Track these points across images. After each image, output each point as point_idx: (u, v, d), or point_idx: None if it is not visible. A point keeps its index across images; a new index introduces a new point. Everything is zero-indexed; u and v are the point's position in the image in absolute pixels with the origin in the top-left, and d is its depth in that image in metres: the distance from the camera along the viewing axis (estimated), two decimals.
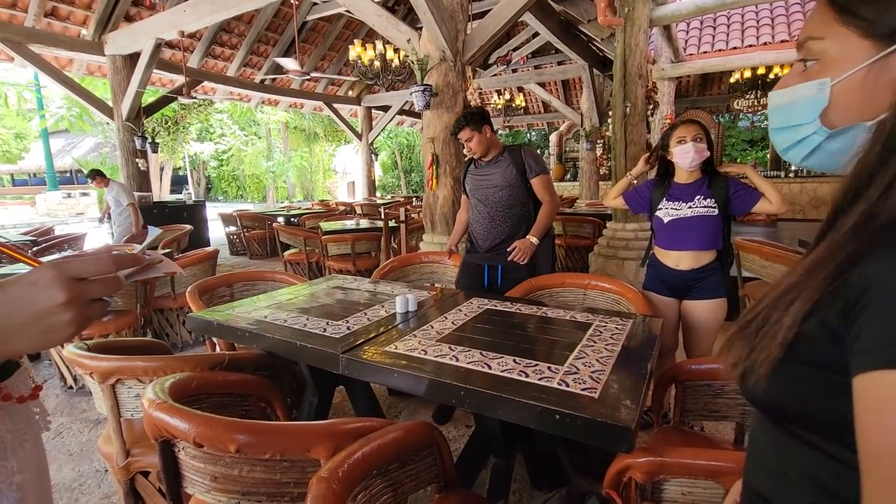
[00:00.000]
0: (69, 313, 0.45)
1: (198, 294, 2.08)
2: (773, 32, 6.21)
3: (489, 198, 2.35)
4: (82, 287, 0.47)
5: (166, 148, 14.29)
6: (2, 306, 0.44)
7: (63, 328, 0.46)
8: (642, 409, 1.04)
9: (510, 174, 2.29)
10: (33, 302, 0.44)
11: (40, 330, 0.45)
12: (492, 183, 2.34)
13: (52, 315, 0.45)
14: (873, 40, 0.43)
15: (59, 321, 0.45)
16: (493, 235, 2.36)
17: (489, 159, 2.36)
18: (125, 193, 5.19)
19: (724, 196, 1.83)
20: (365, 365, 1.28)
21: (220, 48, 7.72)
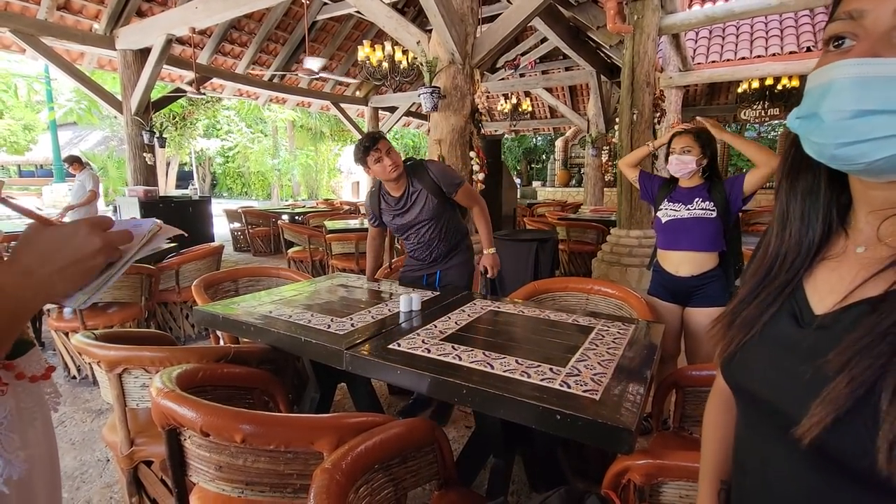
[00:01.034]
0: (102, 258, 0.55)
1: (203, 288, 2.10)
2: (782, 44, 6.22)
3: (420, 233, 2.16)
4: (109, 236, 0.56)
5: (173, 143, 14.38)
6: (49, 252, 0.53)
7: (97, 269, 0.56)
8: (642, 414, 1.05)
9: (432, 204, 2.07)
10: (74, 248, 0.53)
11: (84, 270, 0.54)
12: (416, 219, 2.12)
13: (89, 259, 0.54)
14: None
15: (97, 263, 0.55)
16: (434, 256, 2.21)
17: (400, 193, 2.09)
18: (91, 180, 5.48)
19: (723, 198, 1.85)
20: (369, 361, 1.30)
21: (229, 45, 7.77)
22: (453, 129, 3.71)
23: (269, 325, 1.54)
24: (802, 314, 0.49)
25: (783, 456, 0.47)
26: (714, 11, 3.89)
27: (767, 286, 0.52)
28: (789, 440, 0.43)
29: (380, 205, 2.17)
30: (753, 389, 0.51)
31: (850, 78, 0.40)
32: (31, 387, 0.68)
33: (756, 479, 0.53)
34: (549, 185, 12.97)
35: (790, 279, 0.51)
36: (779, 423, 0.47)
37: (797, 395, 0.44)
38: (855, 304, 0.44)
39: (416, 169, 2.08)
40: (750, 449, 0.54)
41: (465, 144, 3.79)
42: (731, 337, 0.54)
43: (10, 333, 0.53)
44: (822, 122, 0.42)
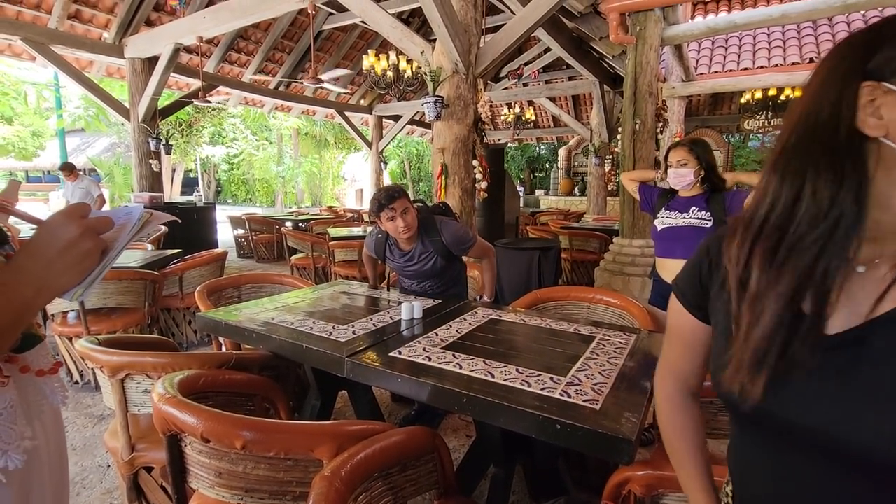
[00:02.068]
0: (88, 242, 0.56)
1: (206, 294, 2.11)
2: (785, 55, 6.25)
3: (420, 282, 2.18)
4: (87, 222, 0.57)
5: (179, 150, 14.50)
6: (37, 248, 0.55)
7: (90, 254, 0.57)
8: (643, 424, 1.05)
9: (439, 265, 2.08)
10: (56, 239, 0.55)
11: (73, 259, 0.56)
12: (419, 272, 2.13)
13: (76, 245, 0.56)
14: None
15: (85, 248, 0.56)
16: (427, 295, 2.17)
17: (411, 248, 2.07)
18: (95, 185, 5.63)
19: (721, 209, 1.86)
20: (369, 369, 1.30)
21: (236, 54, 7.88)
22: (456, 138, 3.73)
23: (270, 331, 1.54)
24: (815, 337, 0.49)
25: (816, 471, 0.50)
26: (716, 23, 3.92)
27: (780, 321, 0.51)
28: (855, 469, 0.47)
29: (385, 251, 2.13)
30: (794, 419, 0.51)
31: None
32: (38, 381, 0.69)
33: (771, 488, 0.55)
34: (553, 194, 12.98)
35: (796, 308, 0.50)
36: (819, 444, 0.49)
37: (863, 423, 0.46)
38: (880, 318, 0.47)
39: (429, 229, 2.02)
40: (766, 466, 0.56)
41: (468, 153, 3.81)
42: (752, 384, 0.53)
43: (13, 329, 0.56)
44: None
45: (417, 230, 2.00)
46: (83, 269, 0.57)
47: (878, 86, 0.46)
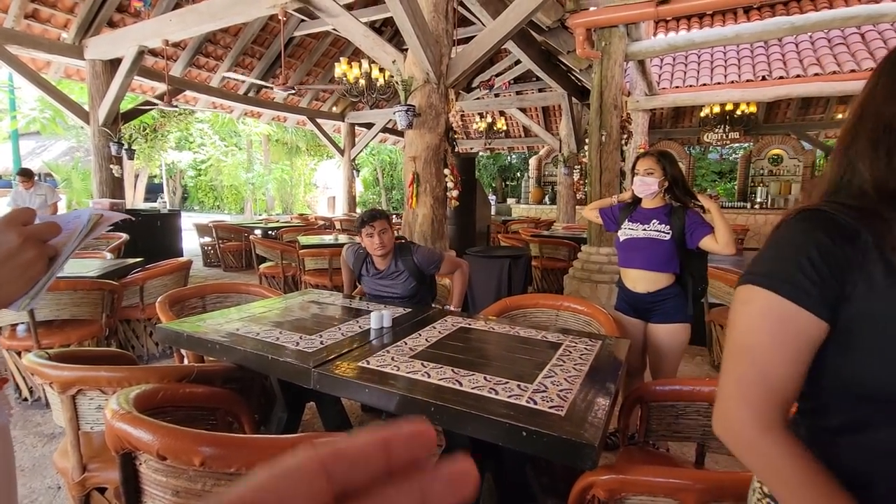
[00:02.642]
0: (31, 250, 0.53)
1: (168, 305, 2.04)
2: (740, 72, 6.59)
3: (392, 300, 2.26)
4: (30, 230, 0.54)
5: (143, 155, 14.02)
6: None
7: (34, 263, 0.54)
8: (606, 429, 1.08)
9: (409, 285, 2.22)
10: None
11: (15, 269, 0.53)
12: (394, 293, 2.26)
13: (17, 255, 0.52)
14: None
15: (27, 258, 0.53)
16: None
17: (385, 267, 2.23)
18: (52, 192, 5.47)
19: (681, 225, 1.92)
20: (337, 380, 1.28)
21: (204, 58, 7.70)
22: (428, 147, 3.76)
23: (235, 343, 1.50)
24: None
25: None
26: (676, 40, 4.11)
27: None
28: None
29: (361, 265, 2.28)
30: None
31: None
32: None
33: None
34: (524, 203, 13.18)
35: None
36: None
37: None
38: None
39: (403, 250, 2.21)
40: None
41: (440, 161, 3.84)
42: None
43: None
44: None
45: (393, 252, 2.20)
46: (28, 279, 0.54)
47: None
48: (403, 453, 0.19)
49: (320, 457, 0.17)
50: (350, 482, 0.17)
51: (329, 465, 0.17)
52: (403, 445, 0.19)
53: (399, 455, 0.18)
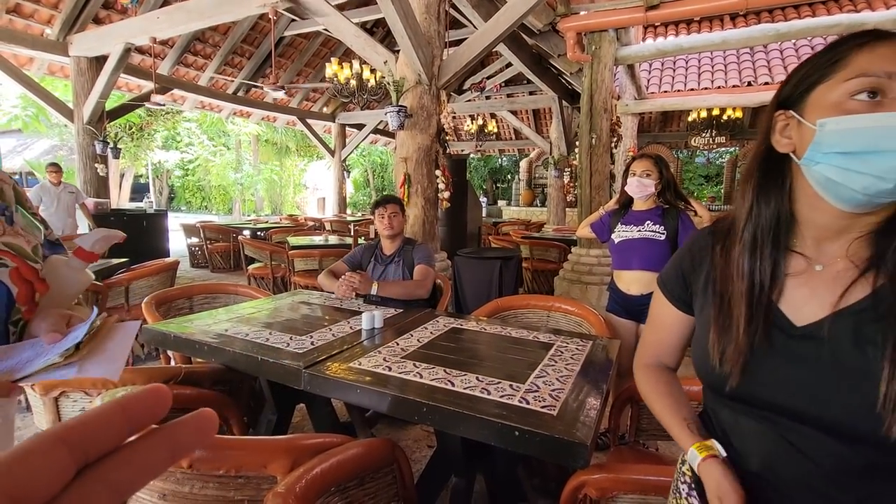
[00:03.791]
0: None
1: (154, 305, 2.00)
2: (726, 77, 6.70)
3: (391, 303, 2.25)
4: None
5: (129, 154, 13.82)
6: None
7: None
8: (598, 429, 1.08)
9: (405, 275, 2.31)
10: None
11: None
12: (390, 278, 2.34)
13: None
14: None
15: None
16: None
17: (391, 253, 2.36)
18: (80, 192, 5.40)
19: (674, 226, 1.95)
20: (328, 381, 1.27)
21: (192, 57, 7.62)
22: (419, 148, 3.75)
23: (224, 344, 1.48)
24: (786, 328, 0.59)
25: (805, 446, 0.56)
26: (664, 45, 4.16)
27: (747, 311, 0.61)
28: (830, 440, 0.54)
29: (371, 255, 2.41)
30: (777, 401, 0.59)
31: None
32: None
33: (761, 463, 0.61)
34: (514, 205, 13.24)
35: (766, 301, 0.60)
36: (799, 421, 0.57)
37: (837, 401, 0.54)
38: (846, 310, 0.55)
39: (408, 243, 2.41)
40: (758, 444, 0.62)
41: (431, 163, 3.84)
42: (731, 366, 0.61)
43: None
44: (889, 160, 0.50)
45: (401, 241, 2.37)
46: None
47: (786, 112, 0.58)
48: (142, 413, 0.20)
49: (56, 431, 0.18)
50: (92, 448, 0.18)
51: (66, 437, 0.18)
52: (141, 406, 0.20)
53: (138, 415, 0.20)
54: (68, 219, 5.23)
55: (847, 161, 0.51)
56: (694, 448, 0.66)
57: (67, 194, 5.19)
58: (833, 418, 0.54)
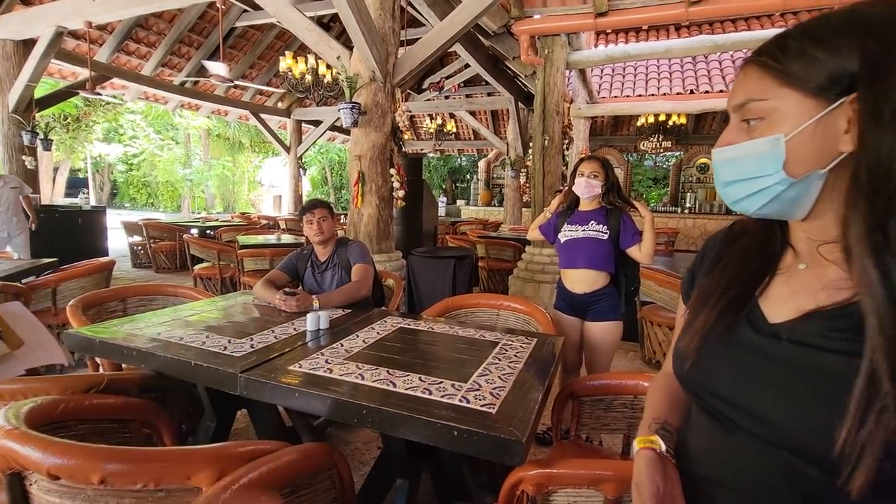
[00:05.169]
0: None
1: (81, 309, 1.87)
2: (671, 85, 7.04)
3: None
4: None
5: (63, 146, 12.87)
6: None
7: None
8: (536, 425, 1.10)
9: (342, 280, 2.23)
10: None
11: None
12: (328, 286, 2.25)
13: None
14: (815, 97, 0.48)
15: None
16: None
17: (326, 258, 2.27)
18: (24, 185, 4.81)
19: (617, 226, 2.02)
20: (265, 385, 1.23)
21: (135, 44, 7.18)
22: (374, 146, 3.71)
23: (155, 348, 1.40)
24: (756, 322, 0.56)
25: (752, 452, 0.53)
26: (613, 52, 4.32)
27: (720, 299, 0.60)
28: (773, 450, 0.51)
29: (307, 263, 2.32)
30: (722, 394, 0.57)
31: (717, 159, 0.57)
32: None
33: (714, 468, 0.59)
34: (473, 204, 13.36)
35: (743, 293, 0.59)
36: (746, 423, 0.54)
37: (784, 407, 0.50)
38: (816, 313, 0.51)
39: (341, 244, 2.31)
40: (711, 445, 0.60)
41: (386, 161, 3.80)
42: (687, 346, 0.61)
43: None
44: (719, 186, 0.58)
45: (334, 242, 2.28)
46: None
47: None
48: None
49: None
50: None
51: None
52: None
53: None
54: (13, 217, 4.60)
55: None
56: (636, 441, 0.67)
57: (9, 190, 4.55)
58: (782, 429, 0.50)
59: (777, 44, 0.51)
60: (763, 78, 0.51)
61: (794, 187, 0.51)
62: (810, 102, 0.49)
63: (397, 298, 2.45)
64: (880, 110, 0.44)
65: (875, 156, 0.45)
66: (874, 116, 0.45)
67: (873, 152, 0.45)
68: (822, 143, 0.49)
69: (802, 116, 0.49)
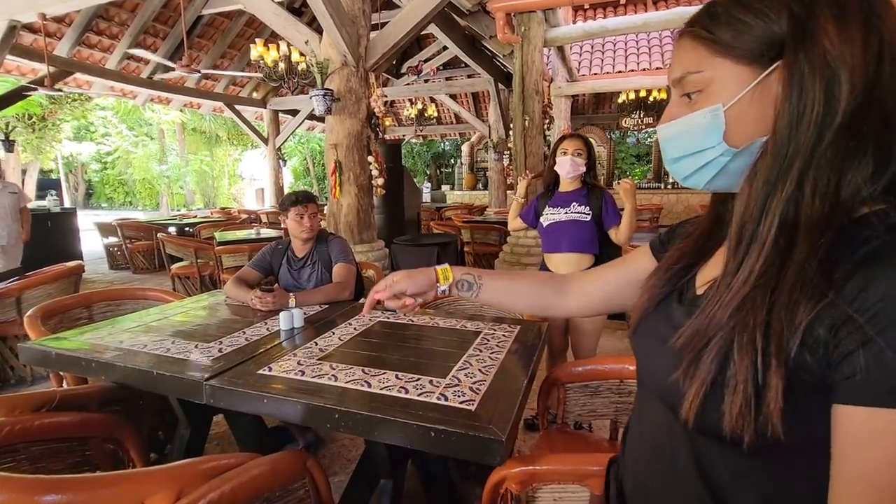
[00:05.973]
0: None
1: (41, 319, 1.77)
2: (650, 59, 6.97)
3: None
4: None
5: (30, 147, 12.38)
6: None
7: None
8: (519, 420, 1.05)
9: (322, 277, 2.12)
10: None
11: None
12: (305, 284, 2.15)
13: None
14: (748, 65, 0.46)
15: None
16: None
17: (305, 254, 2.15)
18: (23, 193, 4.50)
19: (599, 206, 1.97)
20: (233, 392, 1.16)
21: (96, 37, 6.86)
22: (349, 134, 3.60)
23: (116, 359, 1.32)
24: (685, 294, 0.57)
25: (657, 412, 0.56)
26: (590, 27, 4.22)
27: (665, 273, 0.61)
28: (660, 404, 0.54)
29: (282, 259, 2.17)
30: (641, 358, 0.60)
31: (661, 136, 0.55)
32: None
33: (635, 429, 0.63)
34: (458, 189, 13.25)
35: (688, 263, 0.59)
36: (653, 387, 0.57)
37: (663, 367, 0.52)
38: (714, 280, 0.51)
39: (321, 239, 2.18)
40: (637, 408, 0.63)
41: (363, 149, 3.70)
42: (637, 310, 0.62)
43: None
44: (667, 163, 0.56)
45: (314, 239, 2.15)
46: None
47: None
48: None
49: None
50: None
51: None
52: None
53: None
54: (13, 224, 4.28)
55: None
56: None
57: (8, 195, 4.22)
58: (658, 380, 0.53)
59: (707, 12, 0.49)
60: (697, 48, 0.49)
61: (738, 158, 0.49)
62: (745, 70, 0.46)
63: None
64: (801, 72, 0.42)
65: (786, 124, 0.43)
66: (795, 80, 0.43)
67: (785, 120, 0.43)
68: (761, 110, 0.46)
69: (739, 85, 0.47)
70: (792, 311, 0.41)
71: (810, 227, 0.42)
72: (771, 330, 0.41)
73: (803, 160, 0.43)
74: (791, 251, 0.43)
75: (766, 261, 0.44)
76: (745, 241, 0.46)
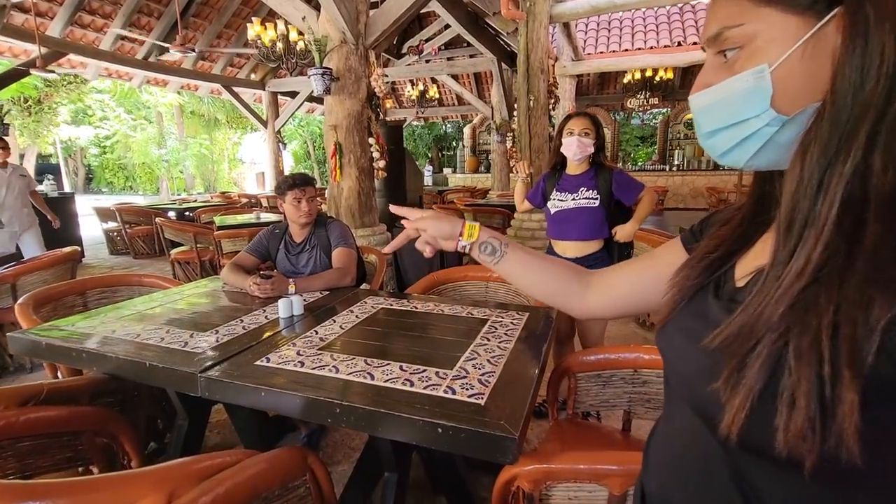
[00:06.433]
0: None
1: (32, 307, 1.71)
2: (658, 37, 6.77)
3: None
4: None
5: (27, 131, 12.25)
6: None
7: None
8: (530, 415, 1.00)
9: (320, 262, 2.06)
10: None
11: None
12: (302, 270, 2.09)
13: None
14: (799, 14, 0.39)
15: None
16: None
17: (303, 238, 2.08)
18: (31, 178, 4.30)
19: (608, 188, 1.89)
20: (228, 385, 1.10)
21: (89, 16, 6.68)
22: (349, 114, 3.49)
23: (107, 349, 1.26)
24: (722, 286, 0.50)
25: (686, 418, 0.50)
26: (598, 2, 4.07)
27: (699, 262, 0.53)
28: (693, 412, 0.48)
29: (279, 244, 2.11)
30: (669, 358, 0.53)
31: (695, 106, 0.47)
32: None
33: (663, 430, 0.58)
34: (460, 172, 13.10)
35: (727, 251, 0.52)
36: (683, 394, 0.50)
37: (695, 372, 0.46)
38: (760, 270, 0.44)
39: (320, 223, 2.12)
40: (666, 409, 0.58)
41: (364, 130, 3.60)
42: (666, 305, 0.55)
43: None
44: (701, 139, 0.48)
45: (313, 223, 2.09)
46: None
47: None
48: None
49: None
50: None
51: None
52: None
53: None
54: (23, 209, 4.10)
55: None
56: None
57: (19, 178, 4.03)
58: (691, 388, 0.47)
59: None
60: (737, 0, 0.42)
61: (787, 127, 0.41)
62: (796, 21, 0.39)
63: (380, 276, 2.32)
64: (867, 19, 0.35)
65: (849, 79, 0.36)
66: (859, 29, 0.36)
67: (847, 78, 0.36)
68: (815, 69, 0.39)
69: (788, 40, 0.39)
70: (866, 310, 0.33)
71: (882, 205, 0.35)
72: (840, 333, 0.34)
73: (871, 125, 0.35)
74: (859, 235, 0.35)
75: (826, 248, 0.36)
76: (799, 225, 0.39)
